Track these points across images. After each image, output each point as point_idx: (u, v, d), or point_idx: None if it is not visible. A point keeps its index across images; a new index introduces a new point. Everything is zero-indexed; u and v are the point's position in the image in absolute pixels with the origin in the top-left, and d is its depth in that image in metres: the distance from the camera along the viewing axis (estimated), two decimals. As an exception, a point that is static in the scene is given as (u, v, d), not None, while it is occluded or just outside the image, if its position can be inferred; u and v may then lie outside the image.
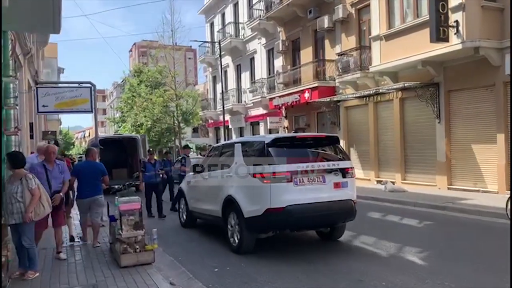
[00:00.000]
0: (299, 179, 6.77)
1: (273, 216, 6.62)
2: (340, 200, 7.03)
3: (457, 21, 11.74)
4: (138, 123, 39.43)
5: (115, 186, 8.40)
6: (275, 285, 5.41)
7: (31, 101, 11.55)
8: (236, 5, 28.24)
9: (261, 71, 24.81)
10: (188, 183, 9.85)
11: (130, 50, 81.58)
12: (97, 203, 7.74)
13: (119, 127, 48.32)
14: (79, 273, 5.94)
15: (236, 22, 27.89)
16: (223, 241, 7.64)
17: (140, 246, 6.13)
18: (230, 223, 7.41)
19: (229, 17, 28.84)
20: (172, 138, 40.57)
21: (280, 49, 22.15)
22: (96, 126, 10.60)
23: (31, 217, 5.48)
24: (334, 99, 17.85)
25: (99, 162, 8.59)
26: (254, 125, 26.14)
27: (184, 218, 9.95)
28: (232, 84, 28.72)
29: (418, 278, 5.47)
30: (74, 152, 69.22)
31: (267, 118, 22.52)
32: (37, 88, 10.13)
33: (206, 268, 6.31)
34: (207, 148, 17.95)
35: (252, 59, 26.17)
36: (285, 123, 21.83)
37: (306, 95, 18.65)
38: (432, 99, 14.00)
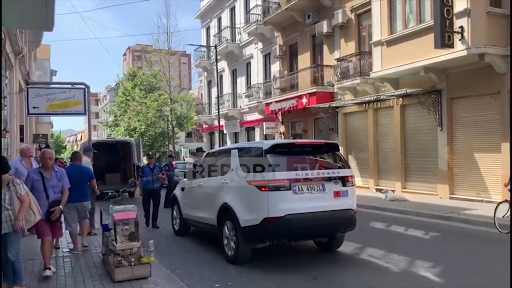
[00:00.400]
0: (298, 187, 6.51)
1: (271, 226, 6.34)
2: (340, 210, 6.78)
3: (462, 27, 11.49)
4: (132, 127, 38.95)
5: (108, 191, 7.98)
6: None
7: (22, 103, 11.09)
8: (232, 10, 27.96)
9: (257, 76, 24.48)
10: (182, 189, 9.49)
11: (124, 54, 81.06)
12: (84, 208, 7.55)
13: (112, 131, 47.72)
14: (69, 288, 5.50)
15: (233, 27, 27.60)
16: (220, 251, 7.27)
17: (135, 259, 5.70)
18: (225, 232, 7.12)
19: (226, 22, 28.55)
20: (166, 143, 40.12)
21: (277, 54, 21.86)
22: (89, 129, 10.15)
23: (22, 225, 5.06)
24: (333, 105, 17.53)
25: (87, 167, 8.23)
26: (250, 130, 25.77)
27: (178, 226, 9.61)
28: (227, 88, 28.37)
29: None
30: (66, 156, 68.38)
31: (263, 123, 22.16)
32: (27, 88, 9.67)
33: (206, 282, 5.90)
34: (192, 153, 17.52)
35: (249, 64, 25.85)
36: (282, 128, 21.48)
37: (304, 100, 18.33)
38: (434, 106, 13.72)
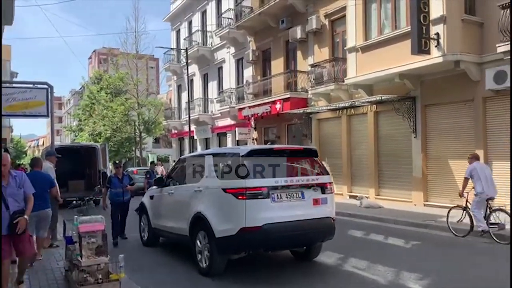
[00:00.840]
0: (277, 195, 6.21)
1: (249, 236, 5.97)
2: (320, 218, 6.52)
3: (438, 34, 11.48)
4: (97, 132, 37.70)
5: (73, 200, 7.34)
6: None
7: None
8: (204, 13, 27.49)
9: (229, 81, 24.07)
10: (151, 197, 8.96)
11: (90, 58, 78.88)
12: (45, 217, 6.98)
13: (76, 136, 46.16)
14: (26, 309, 4.90)
15: (204, 30, 27.11)
16: (195, 264, 6.80)
17: (103, 275, 5.14)
18: (198, 243, 6.71)
19: (197, 25, 28.03)
20: (133, 149, 39.02)
21: (250, 59, 21.53)
22: (52, 132, 9.43)
23: None
24: (307, 111, 17.32)
25: (47, 173, 7.70)
26: (221, 136, 25.27)
27: (146, 236, 9.08)
28: (198, 93, 27.80)
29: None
30: (26, 161, 65.62)
31: (236, 129, 21.73)
32: (-17, 88, 8.87)
33: (181, 299, 5.41)
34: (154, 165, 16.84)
35: (220, 69, 25.40)
36: (254, 134, 21.13)
37: (278, 106, 18.05)
38: (409, 113, 13.70)
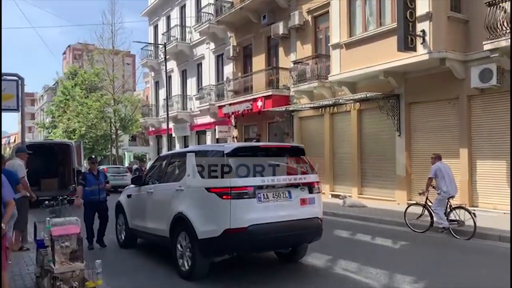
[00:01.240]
0: (264, 195, 5.89)
1: (233, 238, 5.64)
2: (307, 219, 6.23)
3: (423, 31, 11.34)
4: (71, 128, 36.61)
5: (45, 199, 6.79)
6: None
7: None
8: (183, 8, 26.91)
9: (209, 78, 23.59)
10: (129, 196, 8.50)
11: (64, 53, 76.89)
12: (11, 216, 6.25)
13: (49, 133, 44.79)
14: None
15: (183, 26, 26.53)
16: (176, 267, 6.41)
17: (78, 283, 4.69)
18: (179, 245, 6.33)
19: (175, 20, 27.41)
20: (108, 146, 38.07)
21: (231, 55, 21.13)
22: (23, 128, 8.79)
23: None
24: (290, 109, 17.04)
25: (10, 170, 7.24)
26: (200, 134, 24.79)
27: (123, 237, 8.63)
28: (177, 90, 27.20)
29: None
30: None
31: (216, 127, 21.28)
32: None
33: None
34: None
35: (200, 65, 24.89)
36: (235, 132, 20.74)
37: (259, 103, 17.71)
38: (393, 111, 13.57)
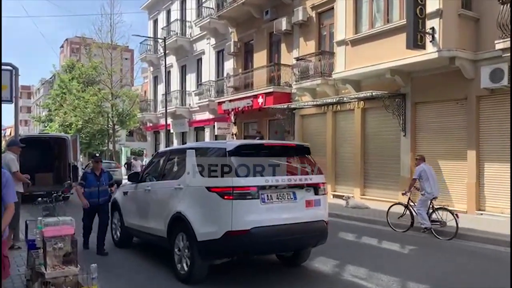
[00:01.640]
0: (267, 196, 5.58)
1: (235, 240, 5.34)
2: (312, 221, 5.93)
3: (433, 28, 11.00)
4: (67, 122, 36.15)
5: (40, 193, 6.45)
6: None
7: None
8: (183, 2, 26.49)
9: (209, 73, 23.20)
10: (125, 194, 8.14)
11: (62, 46, 76.25)
12: None
13: (45, 126, 44.31)
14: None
15: (183, 20, 26.11)
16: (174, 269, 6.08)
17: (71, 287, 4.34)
18: (177, 246, 6.02)
19: (175, 15, 26.99)
20: (105, 141, 37.64)
21: (232, 50, 20.72)
22: (16, 120, 8.39)
23: None
24: (292, 106, 16.68)
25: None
26: (199, 130, 24.41)
27: (118, 236, 8.29)
28: (175, 85, 26.80)
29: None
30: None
31: (215, 123, 20.90)
32: None
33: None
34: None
35: (200, 60, 24.49)
36: (234, 129, 20.37)
37: (260, 100, 17.34)
38: (398, 111, 13.23)
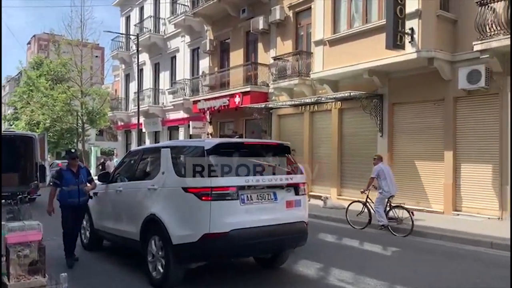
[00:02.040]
0: (247, 196, 5.39)
1: (213, 243, 5.11)
2: (293, 223, 5.77)
3: (412, 29, 11.00)
4: (35, 121, 34.80)
5: (4, 195, 5.97)
6: None
7: None
8: (157, -1, 25.90)
9: (183, 72, 22.73)
10: (95, 194, 7.71)
11: (29, 43, 73.69)
12: None
13: (11, 125, 42.64)
14: None
15: (157, 17, 25.54)
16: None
17: (38, 300, 3.94)
18: (151, 250, 5.73)
19: (149, 11, 26.38)
20: (74, 140, 36.47)
21: (207, 49, 20.35)
22: (-23, 116, 7.86)
23: None
24: (269, 106, 16.47)
25: None
26: (173, 129, 23.90)
27: (88, 239, 7.92)
28: (148, 83, 26.17)
29: None
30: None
31: (190, 122, 20.46)
32: None
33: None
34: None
35: (174, 58, 23.98)
36: (210, 129, 20.00)
37: (237, 99, 17.05)
38: (376, 111, 13.21)
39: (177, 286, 5.45)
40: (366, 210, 10.09)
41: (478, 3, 10.08)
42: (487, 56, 9.95)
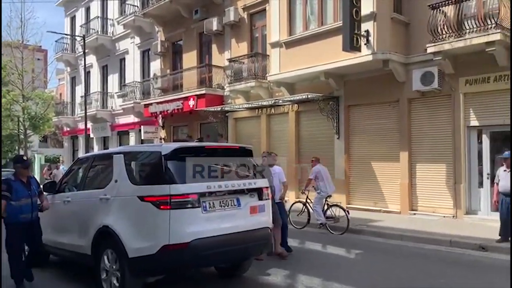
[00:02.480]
0: (209, 203, 5.10)
1: (173, 255, 4.80)
2: (258, 229, 5.55)
3: (367, 31, 11.10)
4: (-30, 128, 32.40)
5: None
6: None
7: None
8: (104, -1, 24.90)
9: (133, 74, 21.92)
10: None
11: (-38, 43, 68.91)
12: None
13: None
14: None
15: (104, 18, 24.53)
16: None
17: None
18: (104, 264, 5.31)
19: (96, 12, 25.29)
20: (15, 147, 34.34)
21: (158, 50, 19.73)
22: None
23: None
24: (225, 109, 16.15)
25: None
26: (123, 134, 23.00)
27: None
28: (96, 87, 25.05)
29: None
30: None
31: (141, 127, 19.73)
32: None
33: None
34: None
35: (123, 60, 23.09)
36: (162, 133, 19.38)
37: (191, 102, 16.60)
38: (332, 114, 13.25)
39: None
40: (306, 210, 10.49)
41: (431, 6, 10.32)
42: (439, 58, 10.20)
